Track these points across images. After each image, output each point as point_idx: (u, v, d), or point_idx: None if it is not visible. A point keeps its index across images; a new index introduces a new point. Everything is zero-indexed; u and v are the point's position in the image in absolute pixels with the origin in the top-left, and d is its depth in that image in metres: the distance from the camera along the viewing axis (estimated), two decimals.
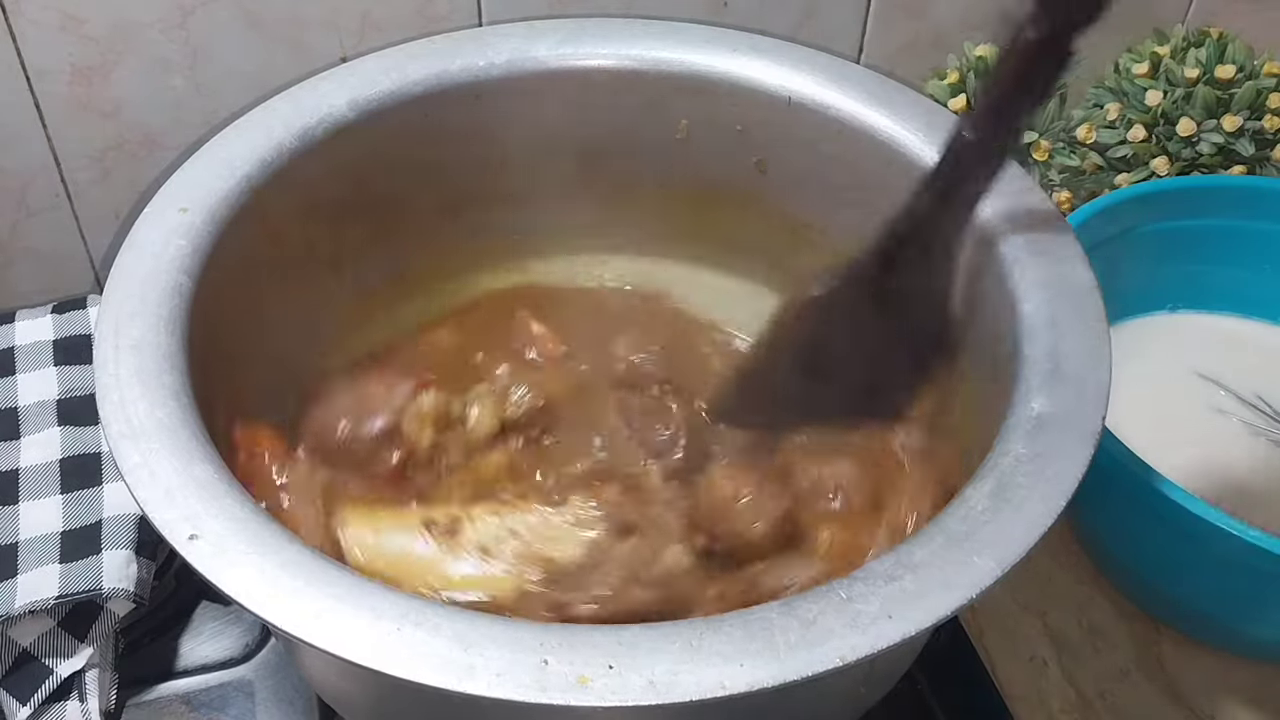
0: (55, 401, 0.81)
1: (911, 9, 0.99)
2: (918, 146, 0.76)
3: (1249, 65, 0.97)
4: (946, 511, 0.56)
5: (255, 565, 0.52)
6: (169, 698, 0.75)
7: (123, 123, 0.88)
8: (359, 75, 0.78)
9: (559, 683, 0.48)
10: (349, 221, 0.81)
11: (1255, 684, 0.81)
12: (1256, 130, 0.96)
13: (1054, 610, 0.84)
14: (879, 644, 0.50)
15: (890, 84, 0.79)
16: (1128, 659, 0.81)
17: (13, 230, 0.91)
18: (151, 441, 0.57)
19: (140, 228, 0.67)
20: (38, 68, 0.84)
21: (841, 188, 0.81)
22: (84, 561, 0.72)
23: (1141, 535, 0.78)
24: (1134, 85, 0.98)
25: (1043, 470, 0.57)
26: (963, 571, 0.53)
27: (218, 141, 0.73)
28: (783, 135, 0.82)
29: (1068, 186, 0.99)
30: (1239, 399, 0.89)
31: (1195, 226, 0.92)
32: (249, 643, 0.78)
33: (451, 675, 0.48)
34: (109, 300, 0.63)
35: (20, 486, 0.77)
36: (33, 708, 0.71)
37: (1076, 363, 0.63)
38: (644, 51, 0.82)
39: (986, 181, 0.64)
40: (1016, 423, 0.60)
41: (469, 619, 0.51)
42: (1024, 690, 0.79)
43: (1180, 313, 0.95)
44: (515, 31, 0.82)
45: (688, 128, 0.84)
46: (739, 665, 0.49)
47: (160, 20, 0.84)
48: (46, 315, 0.87)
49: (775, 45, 0.82)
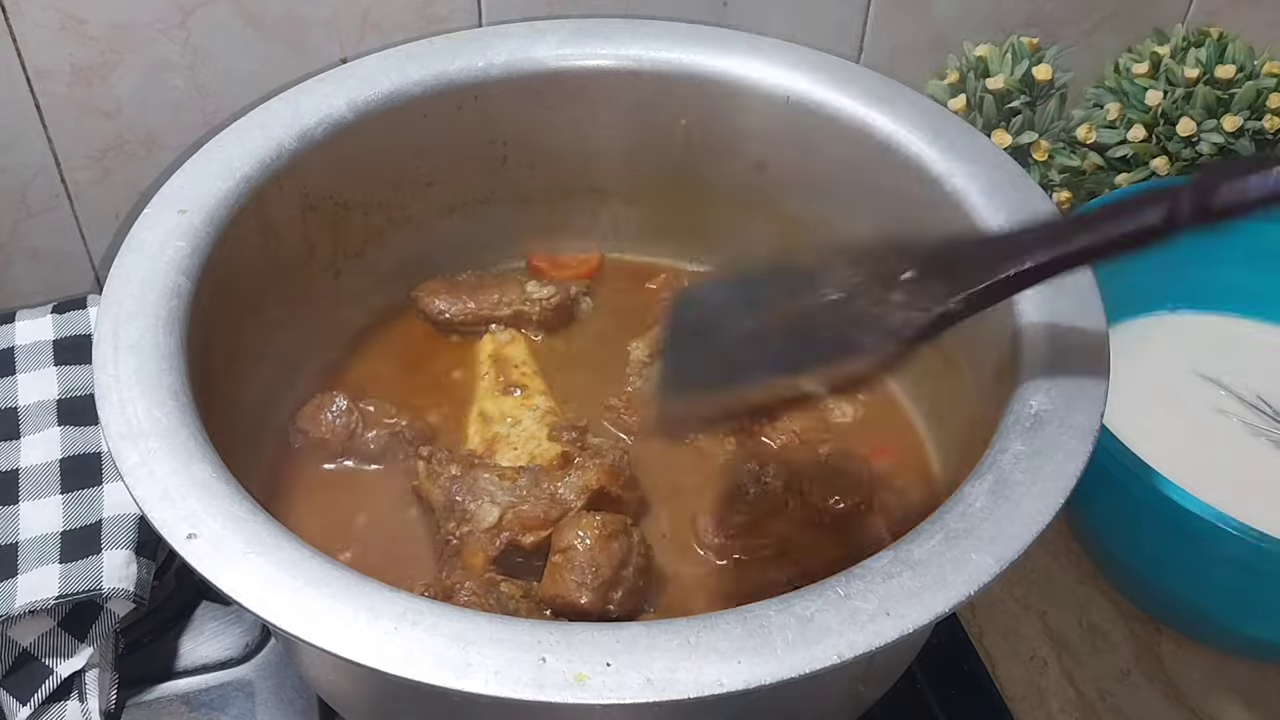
0: (55, 401, 0.81)
1: (911, 9, 0.99)
2: (917, 146, 0.76)
3: (1249, 65, 0.97)
4: (945, 508, 0.56)
5: (254, 565, 0.52)
6: (169, 698, 0.75)
7: (123, 123, 0.88)
8: (358, 76, 0.78)
9: (557, 680, 0.48)
10: (348, 222, 0.81)
11: (1255, 684, 0.80)
12: (1257, 130, 0.96)
13: (1054, 610, 0.84)
14: (877, 641, 0.50)
15: (890, 84, 0.80)
16: (1128, 659, 0.81)
17: (13, 230, 0.91)
18: (150, 441, 0.57)
19: (139, 229, 0.68)
20: (38, 68, 0.84)
21: (841, 187, 0.81)
22: (84, 561, 0.72)
23: (1141, 535, 0.78)
24: (1134, 85, 0.98)
25: (1041, 468, 0.57)
26: (961, 568, 0.53)
27: (217, 143, 0.73)
28: (782, 135, 0.82)
29: (1068, 186, 0.99)
30: (1239, 399, 0.88)
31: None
32: (249, 643, 0.78)
33: (449, 673, 0.49)
34: (108, 301, 0.63)
35: (20, 486, 0.77)
36: (33, 708, 0.71)
37: (1075, 361, 0.63)
38: (644, 51, 0.82)
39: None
40: (1015, 420, 0.60)
41: (467, 618, 0.51)
42: (1024, 690, 0.79)
43: (1180, 313, 0.95)
44: (515, 32, 0.82)
45: (687, 128, 0.84)
46: (736, 662, 0.49)
47: (160, 20, 0.84)
48: (46, 315, 0.87)
49: (775, 45, 0.82)
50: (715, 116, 0.83)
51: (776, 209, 0.86)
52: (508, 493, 0.70)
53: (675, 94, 0.83)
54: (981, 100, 0.96)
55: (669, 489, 0.76)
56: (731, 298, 0.67)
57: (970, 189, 0.73)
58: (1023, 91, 0.96)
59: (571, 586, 0.65)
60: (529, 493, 0.70)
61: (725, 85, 0.81)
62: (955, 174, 0.74)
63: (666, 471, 0.77)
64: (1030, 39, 0.97)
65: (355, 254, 0.83)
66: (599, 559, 0.65)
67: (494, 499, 0.70)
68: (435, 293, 0.85)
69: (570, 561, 0.66)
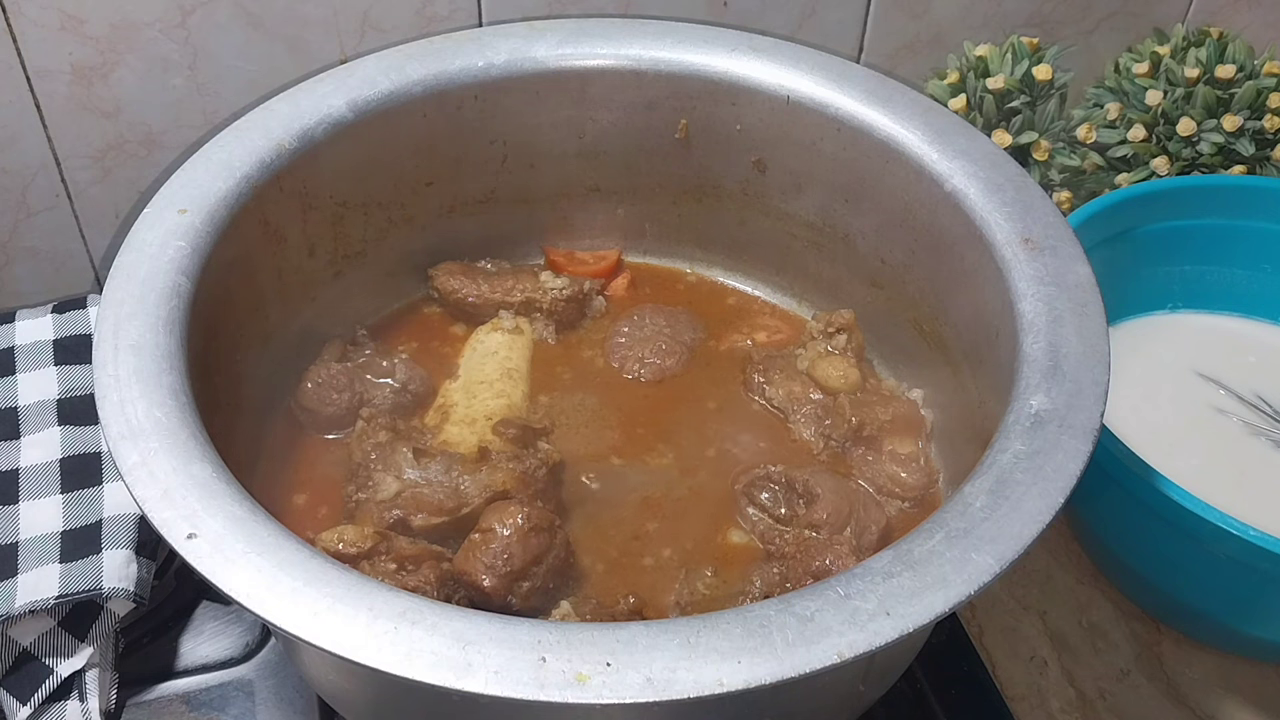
0: (55, 401, 0.81)
1: (911, 9, 0.99)
2: (917, 146, 0.76)
3: (1249, 65, 0.97)
4: (945, 508, 0.56)
5: (254, 564, 0.52)
6: (169, 698, 0.75)
7: (123, 123, 0.88)
8: (358, 76, 0.78)
9: (557, 680, 0.48)
10: (349, 221, 0.81)
11: (1255, 684, 0.80)
12: (1256, 130, 0.96)
13: (1054, 610, 0.83)
14: (877, 641, 0.50)
15: (890, 84, 0.79)
16: (1128, 659, 0.81)
17: (13, 230, 0.91)
18: (150, 441, 0.57)
19: (139, 229, 0.68)
20: (38, 68, 0.84)
21: (841, 187, 0.81)
22: (84, 561, 0.72)
23: (1141, 535, 0.78)
24: (1134, 85, 0.98)
25: (1041, 467, 0.57)
26: (961, 568, 0.53)
27: (217, 143, 0.73)
28: (782, 135, 0.82)
29: (1068, 186, 0.99)
30: (1239, 399, 0.88)
31: (1195, 226, 0.92)
32: (249, 643, 0.78)
33: (449, 673, 0.49)
34: (108, 301, 0.63)
35: (20, 486, 0.77)
36: (33, 707, 0.71)
37: (1075, 361, 0.63)
38: (643, 51, 0.82)
39: None
40: (1015, 420, 0.60)
41: (466, 617, 0.51)
42: (1024, 690, 0.79)
43: (1180, 313, 0.95)
44: (515, 32, 0.82)
45: (687, 128, 0.84)
46: (736, 662, 0.49)
47: (160, 20, 0.84)
48: (46, 315, 0.87)
49: (775, 45, 0.82)
50: (715, 116, 0.83)
51: (776, 209, 0.86)
52: (416, 472, 0.71)
53: (675, 94, 0.83)
54: (981, 100, 0.96)
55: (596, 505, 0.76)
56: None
57: (970, 189, 0.73)
58: (1023, 91, 0.96)
59: (480, 568, 0.66)
60: (436, 478, 0.71)
61: (725, 85, 0.81)
62: (955, 174, 0.74)
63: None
64: (1030, 39, 0.97)
65: (356, 253, 0.83)
66: (514, 549, 0.66)
67: (399, 474, 0.71)
68: (452, 273, 0.86)
69: (486, 543, 0.66)
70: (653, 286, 0.91)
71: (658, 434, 0.80)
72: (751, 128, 0.83)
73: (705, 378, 0.84)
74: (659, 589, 0.70)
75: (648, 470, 0.77)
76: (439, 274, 0.86)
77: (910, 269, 0.79)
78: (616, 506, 0.75)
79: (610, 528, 0.74)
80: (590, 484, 0.76)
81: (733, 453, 0.79)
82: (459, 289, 0.85)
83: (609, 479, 0.77)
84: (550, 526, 0.68)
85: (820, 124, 0.79)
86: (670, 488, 0.76)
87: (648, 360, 0.84)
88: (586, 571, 0.71)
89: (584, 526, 0.74)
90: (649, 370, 0.83)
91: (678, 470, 0.77)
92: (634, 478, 0.77)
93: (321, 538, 0.66)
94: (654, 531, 0.74)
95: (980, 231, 0.71)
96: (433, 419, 0.79)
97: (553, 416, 0.80)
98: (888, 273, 0.82)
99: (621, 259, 0.92)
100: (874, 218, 0.81)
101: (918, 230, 0.77)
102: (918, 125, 0.77)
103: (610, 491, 0.76)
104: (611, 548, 0.73)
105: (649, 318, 0.87)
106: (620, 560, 0.72)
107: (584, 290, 0.87)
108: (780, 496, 0.74)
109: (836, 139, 0.79)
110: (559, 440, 0.78)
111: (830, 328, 0.82)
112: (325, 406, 0.77)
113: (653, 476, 0.77)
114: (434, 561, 0.67)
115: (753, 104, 0.81)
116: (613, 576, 0.71)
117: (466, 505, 0.70)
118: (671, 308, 0.88)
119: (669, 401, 0.82)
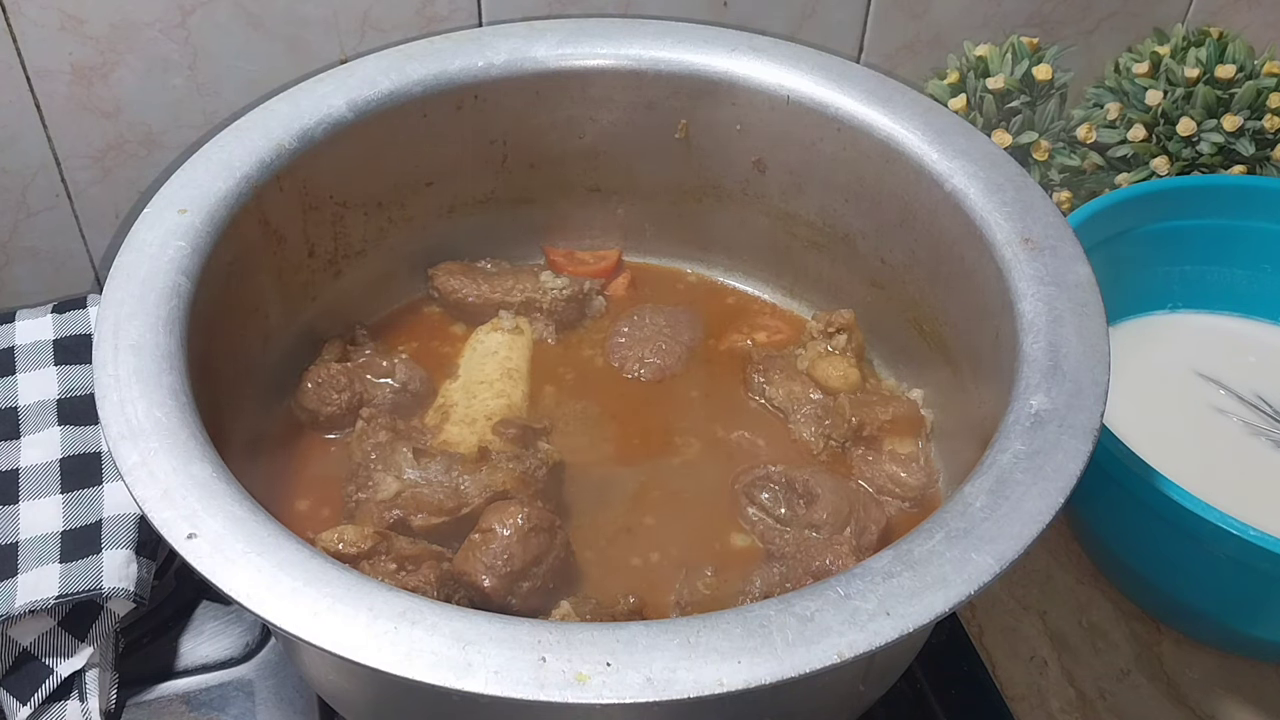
0: (55, 401, 0.81)
1: (911, 9, 0.99)
2: (917, 146, 0.76)
3: (1249, 65, 0.97)
4: (945, 508, 0.56)
5: (254, 564, 0.52)
6: (169, 698, 0.75)
7: (123, 123, 0.88)
8: (358, 76, 0.78)
9: (557, 680, 0.48)
10: (349, 221, 0.81)
11: (1255, 684, 0.80)
12: (1256, 130, 0.96)
13: (1054, 610, 0.83)
14: (877, 641, 0.50)
15: (890, 84, 0.79)
16: (1128, 659, 0.81)
17: (13, 230, 0.91)
18: (150, 441, 0.57)
19: (139, 229, 0.68)
20: (38, 68, 0.84)
21: (841, 187, 0.81)
22: (84, 561, 0.72)
23: (1141, 535, 0.78)
24: (1134, 85, 0.98)
25: (1041, 467, 0.57)
26: (961, 568, 0.53)
27: (217, 143, 0.73)
28: (782, 135, 0.82)
29: (1068, 186, 0.99)
30: (1239, 399, 0.88)
31: (1195, 226, 0.92)
32: (249, 643, 0.78)
33: (449, 673, 0.49)
34: (108, 301, 0.63)
35: (20, 486, 0.77)
36: (33, 707, 0.71)
37: (1075, 361, 0.63)
38: (643, 51, 0.82)
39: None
40: (1015, 420, 0.60)
41: (466, 617, 0.51)
42: (1024, 690, 0.79)
43: (1180, 313, 0.95)
44: (515, 32, 0.82)
45: (687, 128, 0.84)
46: (736, 662, 0.49)
47: (160, 20, 0.84)
48: (46, 315, 0.87)
49: (775, 45, 0.82)
50: (715, 116, 0.83)
51: (776, 209, 0.86)
52: (416, 472, 0.71)
53: (675, 94, 0.83)
54: (981, 100, 0.96)
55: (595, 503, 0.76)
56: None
57: (970, 189, 0.73)
58: (1023, 91, 0.96)
59: (480, 568, 0.66)
60: (436, 478, 0.71)
61: (725, 85, 0.81)
62: (955, 174, 0.74)
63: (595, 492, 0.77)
64: (1030, 39, 0.97)
65: (356, 253, 0.83)
66: (514, 549, 0.66)
67: (399, 474, 0.71)
68: (452, 273, 0.86)
69: (486, 543, 0.66)
70: (653, 286, 0.91)
71: (657, 434, 0.80)
72: (751, 128, 0.83)
73: (705, 377, 0.84)
74: (659, 589, 0.70)
75: (648, 470, 0.77)
76: (439, 274, 0.86)
77: (910, 269, 0.79)
78: (616, 506, 0.75)
79: (610, 528, 0.74)
80: (590, 484, 0.76)
81: (732, 453, 0.79)
82: (459, 289, 0.85)
83: (609, 479, 0.77)
84: (550, 526, 0.68)
85: (820, 124, 0.79)
86: (670, 487, 0.76)
87: (648, 360, 0.84)
88: (586, 571, 0.71)
89: (584, 526, 0.74)
90: (649, 370, 0.83)
91: (678, 470, 0.77)
92: (634, 478, 0.77)
93: (321, 538, 0.66)
94: (654, 531, 0.74)
95: (980, 231, 0.71)
96: (433, 419, 0.79)
97: (553, 416, 0.80)
98: (888, 273, 0.82)
99: (621, 259, 0.92)
100: (874, 218, 0.81)
101: (918, 230, 0.77)
102: (918, 125, 0.77)
103: (610, 491, 0.76)
104: (611, 548, 0.73)
105: (649, 317, 0.87)
106: (620, 560, 0.72)
107: (584, 290, 0.87)
108: (780, 496, 0.74)
109: (836, 139, 0.79)
110: (559, 440, 0.78)
111: (830, 328, 0.82)
112: (325, 406, 0.77)
113: (653, 476, 0.77)
114: (434, 561, 0.67)
115: (753, 104, 0.81)
116: (612, 576, 0.71)
117: (466, 505, 0.70)
118: (671, 307, 0.88)
119: (669, 401, 0.82)
